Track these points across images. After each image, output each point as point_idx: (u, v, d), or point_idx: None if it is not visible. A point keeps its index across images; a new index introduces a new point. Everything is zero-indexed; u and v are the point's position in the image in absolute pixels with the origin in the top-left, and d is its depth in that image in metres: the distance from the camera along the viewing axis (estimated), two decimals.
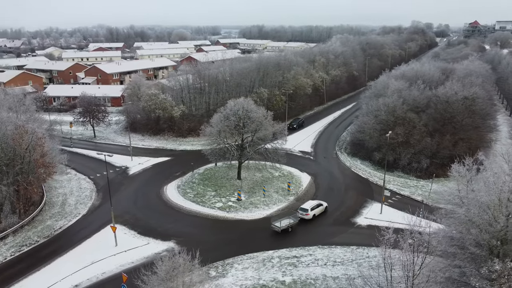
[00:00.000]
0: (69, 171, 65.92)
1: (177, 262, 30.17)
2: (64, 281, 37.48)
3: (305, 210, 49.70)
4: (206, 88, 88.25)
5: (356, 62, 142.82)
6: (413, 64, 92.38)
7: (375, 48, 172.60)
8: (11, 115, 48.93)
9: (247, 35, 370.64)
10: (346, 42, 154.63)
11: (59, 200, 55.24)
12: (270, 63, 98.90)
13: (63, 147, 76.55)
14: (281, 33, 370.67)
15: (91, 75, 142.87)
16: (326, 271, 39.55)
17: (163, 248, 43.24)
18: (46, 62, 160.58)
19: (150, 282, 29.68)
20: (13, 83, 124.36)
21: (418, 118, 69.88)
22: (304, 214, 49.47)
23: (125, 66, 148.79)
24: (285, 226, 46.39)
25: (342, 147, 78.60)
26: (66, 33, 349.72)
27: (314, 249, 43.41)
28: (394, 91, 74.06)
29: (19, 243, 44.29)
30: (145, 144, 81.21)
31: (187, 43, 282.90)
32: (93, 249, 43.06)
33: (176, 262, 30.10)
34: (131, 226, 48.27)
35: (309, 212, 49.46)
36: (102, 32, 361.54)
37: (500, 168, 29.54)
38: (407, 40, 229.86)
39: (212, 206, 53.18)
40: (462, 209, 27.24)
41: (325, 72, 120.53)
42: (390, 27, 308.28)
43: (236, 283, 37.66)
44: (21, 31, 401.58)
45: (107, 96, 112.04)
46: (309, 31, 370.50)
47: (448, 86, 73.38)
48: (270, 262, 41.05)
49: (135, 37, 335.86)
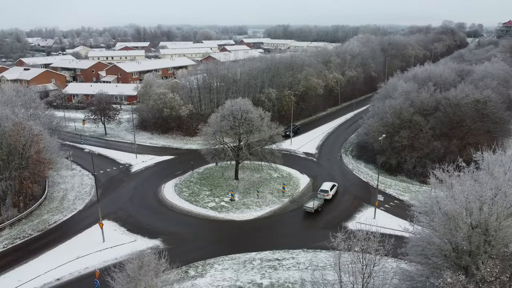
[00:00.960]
0: (75, 167, 67.87)
1: (145, 261, 30.56)
2: (47, 275, 38.60)
3: (326, 191, 54.84)
4: (215, 88, 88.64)
5: (375, 63, 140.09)
6: (427, 66, 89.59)
7: (397, 49, 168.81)
8: (8, 112, 50.37)
9: (272, 35, 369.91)
10: (366, 42, 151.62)
11: (59, 195, 56.92)
12: (282, 63, 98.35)
13: (74, 144, 79.75)
14: (306, 32, 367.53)
15: (111, 73, 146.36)
16: (306, 276, 38.88)
17: (149, 246, 43.82)
18: (71, 61, 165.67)
19: (117, 280, 30.15)
20: (37, 81, 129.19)
21: (425, 121, 67.78)
22: (325, 194, 54.51)
23: (145, 65, 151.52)
24: (317, 207, 51.49)
25: (348, 150, 77.29)
26: (95, 32, 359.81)
27: (298, 253, 42.92)
28: (402, 93, 72.22)
29: (13, 236, 45.95)
30: (152, 142, 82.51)
31: (211, 42, 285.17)
32: (81, 244, 44.15)
33: (144, 262, 30.48)
34: (122, 223, 49.18)
35: (329, 193, 54.90)
36: (130, 31, 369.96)
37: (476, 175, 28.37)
38: (433, 40, 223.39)
39: (204, 205, 53.46)
40: (428, 217, 26.27)
41: (340, 73, 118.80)
42: (418, 27, 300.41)
43: (213, 284, 37.70)
44: (55, 30, 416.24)
45: (123, 94, 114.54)
46: (334, 30, 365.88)
47: (460, 88, 70.99)
48: (251, 264, 40.87)
49: (161, 37, 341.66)
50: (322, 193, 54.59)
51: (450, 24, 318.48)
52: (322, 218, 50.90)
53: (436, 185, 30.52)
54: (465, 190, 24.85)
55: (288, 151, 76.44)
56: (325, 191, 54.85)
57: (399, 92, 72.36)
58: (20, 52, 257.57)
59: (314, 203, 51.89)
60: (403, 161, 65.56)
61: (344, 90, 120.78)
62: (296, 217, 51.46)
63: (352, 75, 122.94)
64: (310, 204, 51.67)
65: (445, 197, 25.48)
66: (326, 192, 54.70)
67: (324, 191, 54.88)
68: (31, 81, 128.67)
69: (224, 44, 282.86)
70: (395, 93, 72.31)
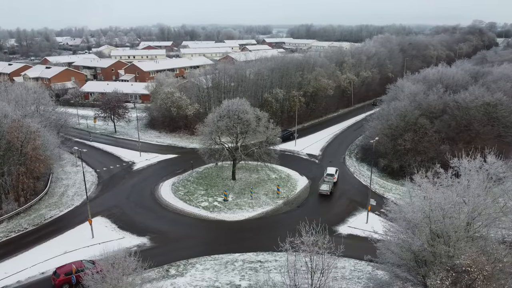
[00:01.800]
0: (80, 164, 69.40)
1: (117, 261, 30.96)
2: (33, 268, 39.60)
3: (332, 174, 60.16)
4: (222, 88, 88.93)
5: (392, 64, 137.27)
6: (439, 67, 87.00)
7: (418, 49, 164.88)
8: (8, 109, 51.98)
9: (295, 35, 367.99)
10: (385, 42, 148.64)
11: (60, 191, 58.41)
12: (291, 63, 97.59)
13: (84, 141, 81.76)
14: (329, 32, 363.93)
15: (130, 72, 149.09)
16: (285, 279, 38.46)
17: (135, 244, 44.37)
18: (92, 60, 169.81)
19: (88, 277, 30.69)
20: (57, 79, 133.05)
21: (431, 124, 65.81)
22: (332, 178, 59.40)
23: (162, 65, 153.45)
24: (330, 189, 56.57)
25: (353, 152, 75.98)
26: (121, 32, 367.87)
27: (282, 255, 42.39)
28: (409, 95, 70.44)
29: (9, 229, 47.44)
30: (159, 141, 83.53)
31: (233, 42, 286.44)
32: (71, 239, 45.15)
33: (116, 261, 30.88)
34: (114, 220, 49.98)
35: (335, 176, 60.30)
36: (155, 31, 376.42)
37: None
38: (459, 40, 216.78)
39: (197, 205, 53.69)
40: (394, 224, 25.50)
41: (354, 74, 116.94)
42: (444, 27, 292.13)
43: (192, 283, 37.78)
44: (84, 30, 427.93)
45: (137, 93, 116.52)
46: (358, 30, 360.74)
47: (470, 90, 68.62)
48: (232, 265, 40.75)
49: (185, 36, 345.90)
50: (329, 177, 59.55)
51: (480, 24, 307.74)
52: (314, 221, 50.05)
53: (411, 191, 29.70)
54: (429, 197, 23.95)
55: (291, 152, 75.94)
56: (331, 174, 60.04)
57: (406, 93, 70.57)
58: (48, 50, 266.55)
59: (329, 186, 56.74)
60: (407, 164, 63.84)
61: (358, 91, 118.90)
62: (287, 219, 50.96)
63: (367, 76, 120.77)
64: (325, 187, 56.56)
65: (407, 205, 24.62)
66: (332, 175, 59.90)
67: (331, 175, 60.04)
68: (52, 79, 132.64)
69: (245, 43, 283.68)
70: (401, 95, 70.53)
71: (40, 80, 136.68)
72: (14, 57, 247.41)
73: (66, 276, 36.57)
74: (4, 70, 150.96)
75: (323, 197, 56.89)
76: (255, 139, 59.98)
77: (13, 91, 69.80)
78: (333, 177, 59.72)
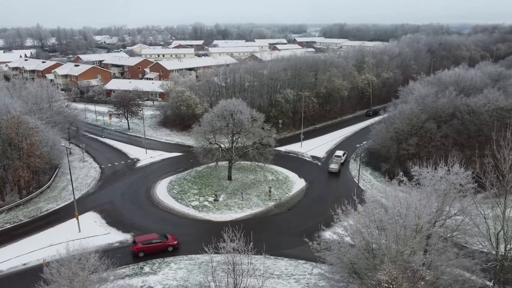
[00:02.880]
0: (87, 159, 71.76)
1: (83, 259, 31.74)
2: (17, 259, 41.34)
3: (339, 156, 68.48)
4: (231, 87, 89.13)
5: (417, 64, 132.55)
6: (456, 69, 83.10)
7: (449, 50, 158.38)
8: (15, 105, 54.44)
9: (327, 34, 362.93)
10: (411, 42, 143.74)
11: (62, 185, 60.57)
12: (304, 63, 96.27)
13: (97, 137, 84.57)
14: (363, 32, 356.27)
15: (154, 71, 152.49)
16: (255, 283, 38.04)
17: (118, 240, 45.41)
18: (120, 58, 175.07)
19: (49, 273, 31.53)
20: (84, 77, 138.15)
21: (438, 129, 63.02)
22: (339, 159, 67.53)
23: (186, 63, 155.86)
24: (339, 168, 65.66)
25: (359, 155, 73.94)
26: (155, 30, 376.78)
27: (258, 258, 41.91)
28: (418, 98, 67.81)
29: (6, 220, 49.74)
30: (168, 139, 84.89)
31: (263, 41, 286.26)
32: (59, 232, 46.62)
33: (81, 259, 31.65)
34: (105, 215, 51.22)
35: (342, 158, 68.50)
36: (188, 30, 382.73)
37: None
38: (497, 41, 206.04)
39: (188, 204, 54.11)
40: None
41: (375, 74, 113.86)
42: (484, 26, 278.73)
43: (162, 282, 38.16)
44: (122, 28, 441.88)
45: (155, 91, 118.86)
46: (393, 29, 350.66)
47: (484, 94, 65.22)
48: (206, 265, 40.68)
49: (217, 35, 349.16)
50: (337, 158, 67.99)
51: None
52: (300, 225, 49.33)
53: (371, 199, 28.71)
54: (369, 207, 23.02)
55: (295, 153, 75.06)
56: (338, 156, 68.54)
57: (414, 96, 67.99)
58: (85, 49, 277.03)
59: (337, 165, 65.41)
60: (409, 170, 61.32)
61: (379, 92, 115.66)
62: (275, 221, 50.49)
63: (388, 77, 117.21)
64: (334, 166, 65.33)
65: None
66: (339, 157, 68.15)
67: (338, 156, 68.56)
68: (79, 77, 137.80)
69: (275, 43, 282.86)
70: (409, 97, 68.02)
71: (69, 77, 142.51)
72: (54, 55, 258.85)
73: (142, 245, 42.11)
74: (38, 67, 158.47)
75: (317, 200, 55.90)
76: (251, 140, 59.55)
77: (28, 89, 73.22)
78: (340, 158, 67.67)
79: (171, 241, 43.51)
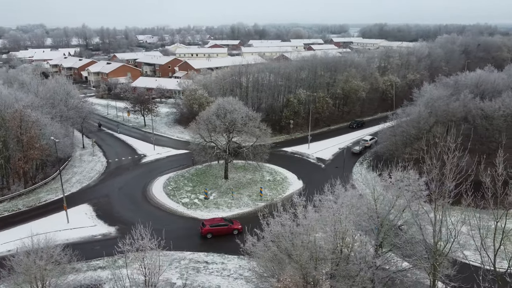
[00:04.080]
0: (97, 153, 74.18)
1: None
2: (3, 245, 43.39)
3: (366, 140, 76.11)
4: (244, 87, 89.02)
5: (449, 66, 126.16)
6: (478, 70, 78.30)
7: (488, 51, 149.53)
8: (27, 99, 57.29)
9: (367, 34, 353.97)
10: (444, 43, 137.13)
11: (66, 177, 62.91)
12: (322, 63, 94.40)
13: (113, 132, 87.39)
14: (404, 32, 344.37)
15: (183, 69, 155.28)
16: (223, 283, 37.83)
17: (102, 232, 46.58)
18: (152, 57, 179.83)
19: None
20: (114, 74, 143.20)
21: (446, 133, 59.53)
22: (365, 143, 74.91)
23: (214, 63, 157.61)
24: (360, 150, 72.48)
25: (367, 159, 71.46)
26: (193, 30, 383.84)
27: (231, 258, 41.58)
28: (430, 100, 64.59)
29: (5, 208, 52.40)
30: (180, 136, 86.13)
31: (298, 41, 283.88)
32: (48, 223, 48.44)
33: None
34: (97, 208, 52.68)
35: (369, 142, 75.44)
36: (226, 30, 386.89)
37: None
38: None
39: (178, 200, 54.55)
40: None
41: (400, 76, 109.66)
42: None
43: (130, 276, 38.50)
44: (164, 28, 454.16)
45: (177, 89, 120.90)
46: (437, 30, 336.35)
47: (502, 98, 61.14)
48: (178, 262, 40.87)
49: (254, 35, 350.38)
50: (363, 142, 75.60)
51: None
52: None
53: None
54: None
55: (301, 154, 73.75)
56: (365, 140, 76.15)
57: (425, 98, 64.81)
58: (126, 48, 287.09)
59: (359, 147, 72.71)
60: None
61: (404, 94, 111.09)
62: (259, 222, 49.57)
63: (415, 79, 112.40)
64: (356, 148, 72.87)
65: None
66: (366, 141, 75.60)
67: (365, 140, 76.20)
68: (109, 74, 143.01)
69: (311, 43, 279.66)
70: (418, 100, 64.94)
71: (100, 74, 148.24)
72: (96, 53, 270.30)
73: (211, 227, 45.22)
74: (74, 65, 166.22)
75: None
76: (249, 139, 59.08)
77: (46, 84, 76.81)
78: (366, 142, 74.79)
79: (236, 225, 46.14)
